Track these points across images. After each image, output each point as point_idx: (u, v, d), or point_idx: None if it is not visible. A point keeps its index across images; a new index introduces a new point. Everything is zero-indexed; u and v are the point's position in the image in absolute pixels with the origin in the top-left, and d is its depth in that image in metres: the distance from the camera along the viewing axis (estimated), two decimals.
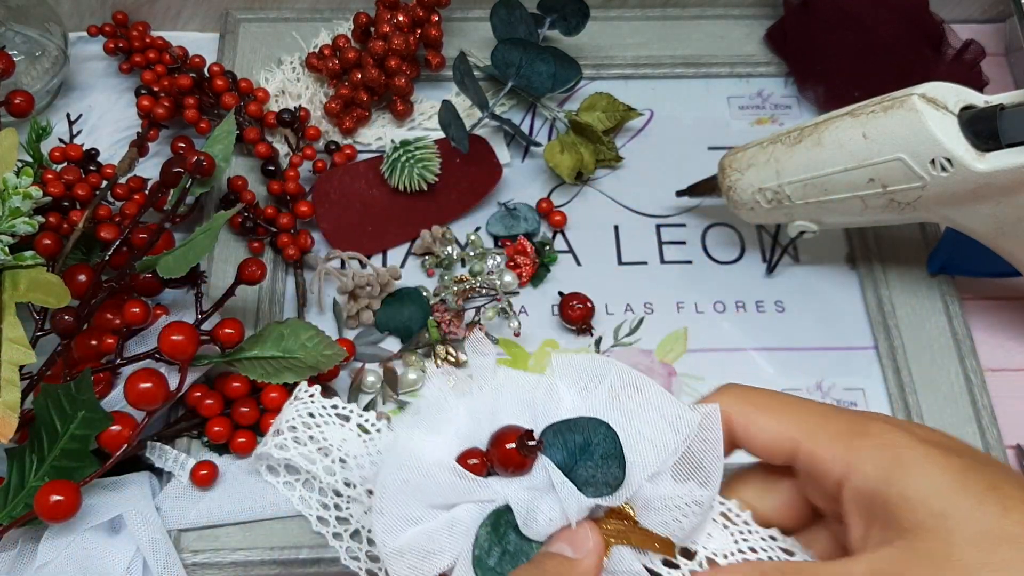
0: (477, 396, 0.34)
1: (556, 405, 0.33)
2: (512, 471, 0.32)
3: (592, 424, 0.32)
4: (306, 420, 0.37)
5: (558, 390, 0.33)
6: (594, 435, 0.32)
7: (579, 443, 0.32)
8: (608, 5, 0.56)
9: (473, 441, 0.33)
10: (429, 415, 0.34)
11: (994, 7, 0.58)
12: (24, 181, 0.40)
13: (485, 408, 0.34)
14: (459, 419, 0.34)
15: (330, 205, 0.48)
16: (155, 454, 0.39)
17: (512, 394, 0.33)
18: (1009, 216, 0.38)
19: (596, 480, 0.31)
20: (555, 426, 0.32)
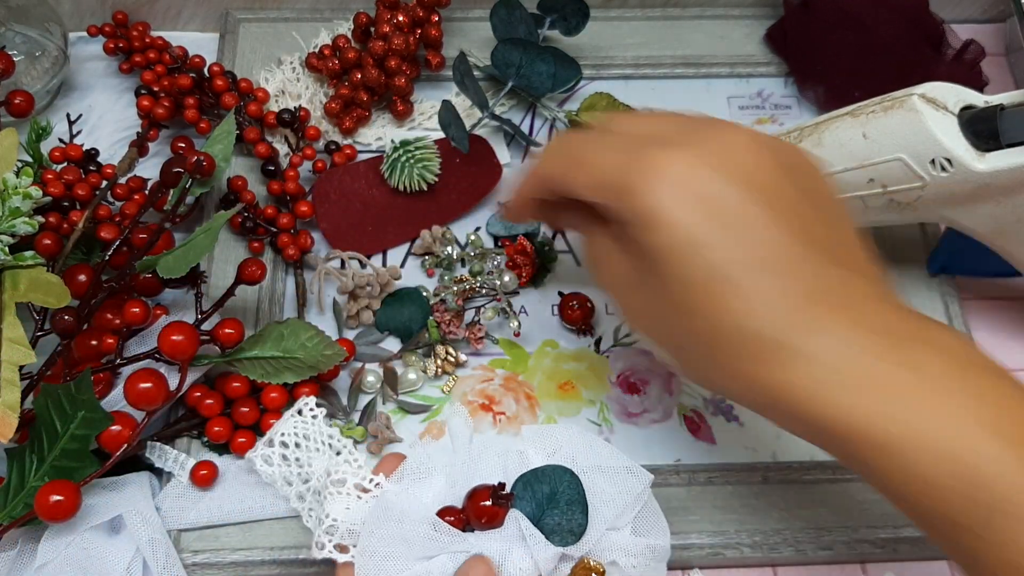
0: (455, 463, 0.38)
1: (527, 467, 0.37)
2: (486, 524, 0.35)
3: (557, 472, 0.36)
4: (299, 441, 0.38)
5: (528, 455, 0.37)
6: (559, 483, 0.36)
7: (546, 493, 0.35)
8: (608, 5, 0.56)
9: (451, 502, 0.36)
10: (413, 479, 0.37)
11: (994, 7, 0.58)
12: (24, 181, 0.40)
13: (462, 472, 0.37)
14: (439, 483, 0.37)
15: (330, 205, 0.48)
16: (155, 454, 0.39)
17: (487, 460, 0.38)
18: (1009, 216, 0.38)
19: (562, 528, 0.35)
20: (524, 476, 0.36)
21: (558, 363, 0.45)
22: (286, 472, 0.38)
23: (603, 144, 0.32)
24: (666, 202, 0.29)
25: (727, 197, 0.29)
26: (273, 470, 0.38)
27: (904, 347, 0.28)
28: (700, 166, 0.29)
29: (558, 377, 0.45)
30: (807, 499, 0.41)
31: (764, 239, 0.28)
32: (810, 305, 0.28)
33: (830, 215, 0.31)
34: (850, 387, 0.28)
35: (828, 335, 0.28)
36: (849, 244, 0.31)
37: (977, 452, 0.26)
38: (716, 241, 0.28)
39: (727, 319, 0.29)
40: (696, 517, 0.40)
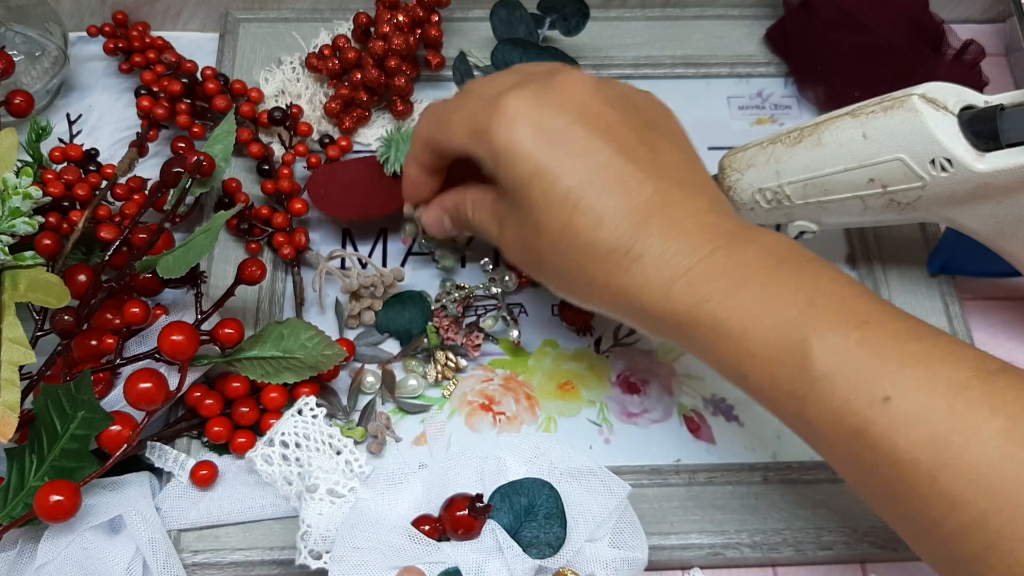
0: (432, 469, 0.38)
1: (504, 476, 0.37)
2: (463, 534, 0.35)
3: (536, 485, 0.36)
4: (299, 440, 0.38)
5: (505, 462, 0.37)
6: (538, 496, 0.35)
7: (524, 505, 0.35)
8: (608, 5, 0.56)
9: (427, 509, 0.35)
10: (387, 485, 0.37)
11: (994, 7, 0.58)
12: (24, 181, 0.40)
13: (438, 480, 0.37)
14: (415, 490, 0.37)
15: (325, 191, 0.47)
16: (155, 454, 0.39)
17: (464, 467, 0.37)
18: (1009, 216, 0.38)
19: (539, 541, 0.35)
20: (502, 488, 0.35)
21: (558, 363, 0.45)
22: (286, 472, 0.38)
23: (462, 102, 0.37)
24: (515, 137, 0.33)
25: (569, 129, 0.33)
26: (273, 470, 0.38)
27: (726, 243, 0.32)
28: (542, 104, 0.34)
29: (558, 377, 0.45)
30: (807, 499, 0.41)
31: (604, 163, 0.33)
32: (647, 216, 0.32)
33: (665, 139, 0.35)
34: (675, 280, 0.32)
35: (657, 238, 0.32)
36: (686, 164, 0.35)
37: (791, 323, 0.30)
38: (564, 167, 0.33)
39: (580, 235, 0.33)
40: (696, 517, 0.40)
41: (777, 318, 0.30)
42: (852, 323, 0.29)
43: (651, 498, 0.41)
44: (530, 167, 0.33)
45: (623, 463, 0.42)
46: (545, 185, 0.33)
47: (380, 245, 0.48)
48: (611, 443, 0.43)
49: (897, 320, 0.30)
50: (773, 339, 0.30)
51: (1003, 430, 0.26)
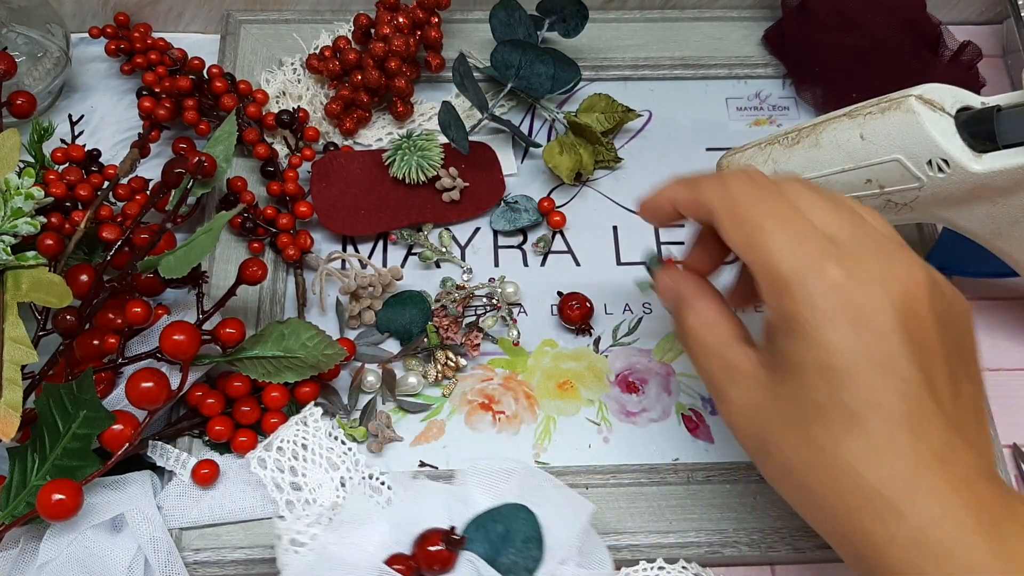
0: (397, 506, 0.37)
1: (472, 507, 0.36)
2: (439, 570, 0.34)
3: (512, 511, 0.36)
4: (297, 450, 0.38)
5: (472, 493, 0.37)
6: (514, 521, 0.35)
7: (500, 532, 0.35)
8: (607, 7, 0.56)
9: (396, 548, 0.35)
10: (352, 527, 0.36)
11: (991, 9, 0.58)
12: (26, 182, 0.40)
13: (404, 517, 0.36)
14: (382, 529, 0.36)
15: (327, 184, 0.48)
16: (156, 453, 0.40)
17: (430, 501, 0.36)
18: (1006, 217, 0.38)
19: (518, 566, 0.35)
20: (478, 519, 0.36)
21: (557, 362, 0.45)
22: (277, 478, 0.38)
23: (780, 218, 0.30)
24: (821, 318, 0.28)
25: (884, 335, 0.28)
26: (266, 473, 0.38)
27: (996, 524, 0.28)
28: (867, 292, 0.28)
29: (557, 376, 0.45)
30: None
31: (905, 390, 0.28)
32: (926, 471, 0.28)
33: (969, 379, 0.31)
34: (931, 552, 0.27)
35: (926, 499, 0.28)
36: (976, 412, 0.31)
37: None
38: (862, 379, 0.28)
39: (844, 458, 0.28)
40: (694, 516, 0.41)
41: None
42: None
43: (650, 497, 0.41)
44: (828, 360, 0.28)
45: (622, 462, 0.42)
46: (832, 388, 0.28)
47: (380, 245, 0.49)
48: (610, 442, 0.43)
49: None
50: None
51: None
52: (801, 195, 0.32)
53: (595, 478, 0.41)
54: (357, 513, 0.36)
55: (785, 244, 0.30)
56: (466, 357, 0.44)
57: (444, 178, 0.48)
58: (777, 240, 0.30)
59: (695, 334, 0.34)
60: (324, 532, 0.36)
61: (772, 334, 0.30)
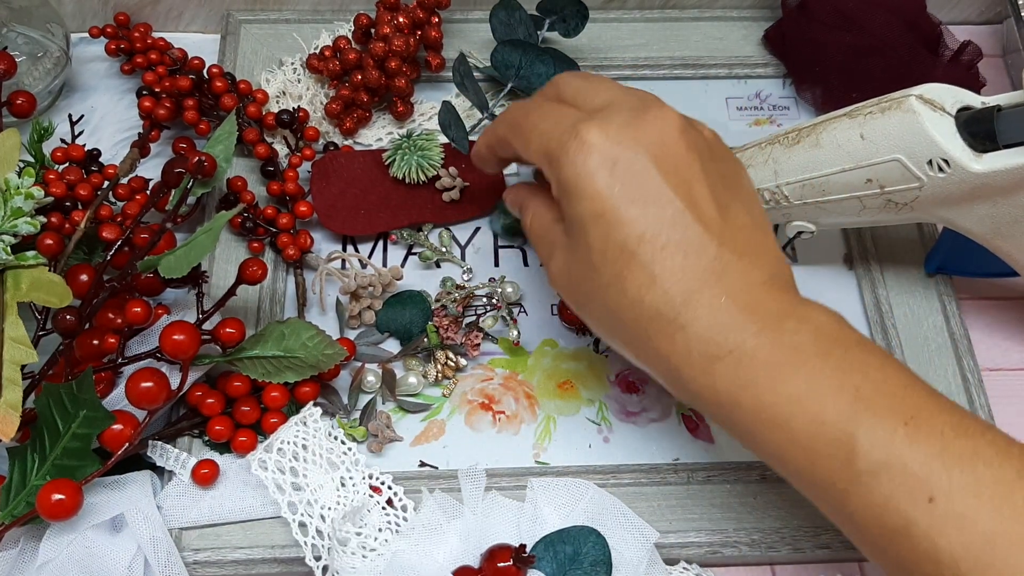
0: (467, 519, 0.38)
1: (541, 525, 0.37)
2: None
3: (583, 533, 0.36)
4: (297, 451, 0.38)
5: (541, 511, 0.37)
6: (584, 544, 0.35)
7: (569, 553, 0.35)
8: (607, 7, 0.56)
9: (464, 560, 0.35)
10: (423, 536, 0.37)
11: (991, 9, 0.58)
12: (26, 181, 0.40)
13: (475, 530, 0.37)
14: (451, 541, 0.37)
15: (327, 183, 0.48)
16: (156, 453, 0.39)
17: (499, 516, 0.37)
18: (1006, 217, 0.38)
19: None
20: (547, 538, 0.36)
21: (557, 362, 0.45)
22: (279, 479, 0.38)
23: (544, 112, 0.35)
24: (587, 172, 0.32)
25: (644, 173, 0.32)
26: (267, 475, 0.38)
27: (775, 323, 0.31)
28: (624, 141, 0.32)
29: (557, 376, 0.45)
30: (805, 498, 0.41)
31: (671, 219, 0.31)
32: (701, 285, 0.31)
33: (737, 200, 0.34)
34: (719, 358, 0.31)
35: (705, 310, 0.31)
36: (751, 229, 0.34)
37: (839, 416, 0.29)
38: (630, 216, 0.32)
39: (630, 290, 0.32)
40: (694, 515, 0.41)
41: (824, 410, 0.29)
42: (899, 417, 0.29)
43: (650, 496, 0.41)
44: (596, 207, 0.32)
45: (622, 462, 0.42)
46: (606, 230, 0.32)
47: (380, 245, 0.49)
48: (610, 442, 0.43)
49: (944, 414, 0.29)
50: (819, 431, 0.29)
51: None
52: (567, 87, 0.37)
53: (595, 478, 0.41)
54: (428, 524, 0.37)
55: (548, 129, 0.34)
56: (466, 357, 0.44)
57: (444, 178, 0.48)
58: (542, 130, 0.35)
59: (529, 226, 0.38)
60: (395, 539, 0.37)
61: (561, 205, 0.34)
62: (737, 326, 0.31)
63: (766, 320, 0.31)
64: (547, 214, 0.37)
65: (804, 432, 0.30)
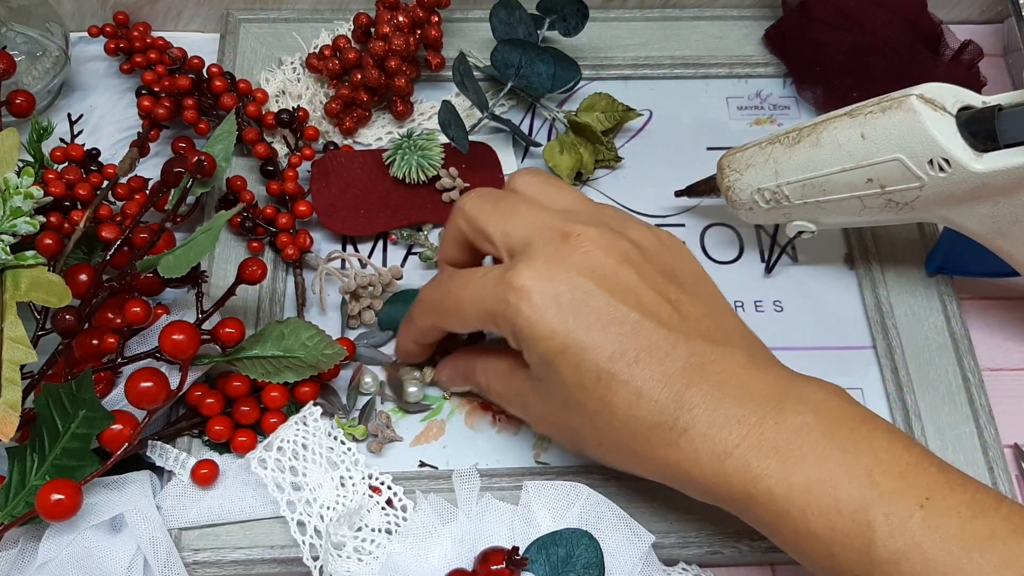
0: (462, 522, 0.38)
1: (535, 527, 0.37)
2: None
3: (575, 536, 0.36)
4: (297, 450, 0.38)
5: (535, 514, 0.37)
6: (576, 546, 0.36)
7: (561, 556, 0.35)
8: (607, 6, 0.56)
9: (458, 563, 0.35)
10: (417, 539, 0.37)
11: (992, 8, 0.58)
12: (26, 181, 0.40)
13: (469, 533, 0.37)
14: (445, 544, 0.37)
15: (327, 183, 0.48)
16: (156, 453, 0.39)
17: (493, 519, 0.37)
18: (1007, 216, 0.38)
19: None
20: (540, 540, 0.36)
21: None
22: (278, 478, 0.38)
23: (462, 280, 0.35)
24: (535, 317, 0.32)
25: (589, 298, 0.31)
26: (266, 474, 0.38)
27: (775, 408, 0.31)
28: (556, 275, 0.32)
29: None
30: None
31: (632, 332, 0.31)
32: (687, 384, 0.31)
33: (685, 292, 0.34)
34: (727, 455, 0.30)
35: (701, 409, 0.31)
36: (712, 316, 0.34)
37: (854, 504, 0.29)
38: (591, 341, 0.31)
39: (619, 411, 0.31)
40: (694, 515, 0.40)
41: (838, 499, 0.29)
42: (914, 500, 0.29)
43: (650, 496, 0.41)
44: (555, 345, 0.32)
45: None
46: (575, 362, 0.31)
47: (380, 245, 0.49)
48: None
49: (957, 491, 0.29)
50: (835, 522, 0.29)
51: None
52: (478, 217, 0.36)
53: (595, 478, 0.41)
54: (423, 527, 0.37)
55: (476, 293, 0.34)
56: None
57: (444, 178, 0.48)
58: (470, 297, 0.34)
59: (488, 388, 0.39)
60: (389, 542, 0.37)
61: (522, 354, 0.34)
62: (737, 417, 0.31)
63: (763, 405, 0.31)
64: (499, 366, 0.37)
65: (820, 524, 0.29)
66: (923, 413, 0.43)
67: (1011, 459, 0.43)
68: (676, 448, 0.31)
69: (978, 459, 0.42)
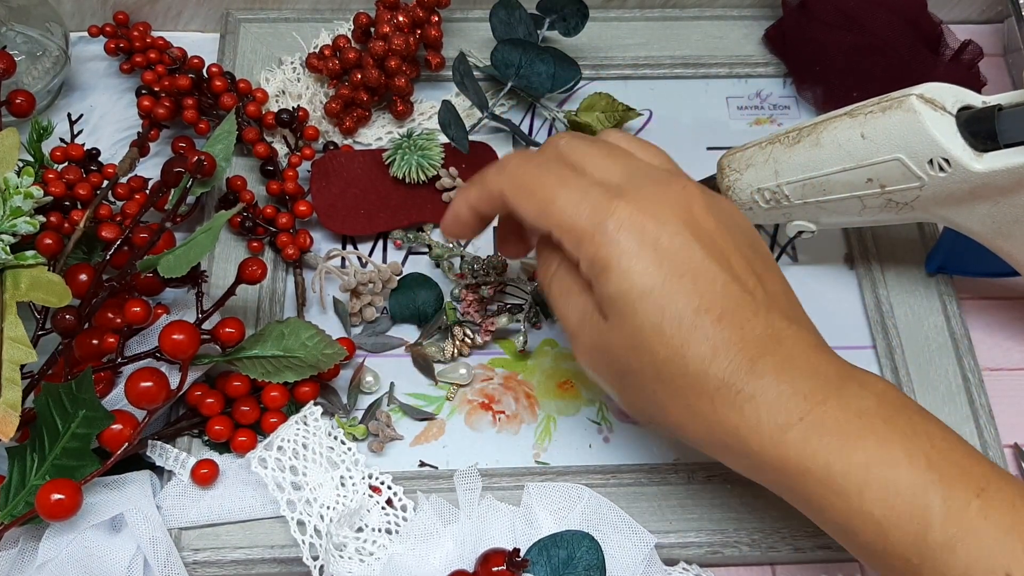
0: (463, 523, 0.38)
1: (537, 529, 0.37)
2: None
3: (576, 537, 0.36)
4: (297, 449, 0.38)
5: (536, 515, 0.37)
6: (578, 548, 0.36)
7: (563, 557, 0.35)
8: (607, 6, 0.56)
9: (459, 565, 0.36)
10: (419, 540, 0.37)
11: (992, 8, 0.58)
12: (26, 181, 0.40)
13: (470, 535, 0.37)
14: (446, 545, 0.37)
15: (327, 183, 0.48)
16: (156, 453, 0.39)
17: (495, 521, 0.37)
18: (1007, 216, 0.38)
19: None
20: (541, 542, 0.36)
21: (557, 362, 0.45)
22: (278, 477, 0.38)
23: (560, 180, 0.33)
24: (623, 252, 0.31)
25: (680, 248, 0.31)
26: (267, 473, 0.38)
27: (839, 389, 0.31)
28: (659, 216, 0.31)
29: (557, 376, 0.45)
30: None
31: (722, 290, 0.31)
32: (762, 353, 0.31)
33: (768, 269, 0.34)
34: (790, 427, 0.30)
35: (771, 379, 0.31)
36: (787, 296, 0.34)
37: (913, 487, 0.29)
38: (680, 289, 0.31)
39: (693, 363, 0.31)
40: (695, 515, 0.40)
41: (897, 480, 0.29)
42: (972, 489, 0.29)
43: (650, 496, 0.41)
44: (645, 284, 0.31)
45: (622, 461, 0.42)
46: (657, 306, 0.31)
47: (380, 244, 0.49)
48: (610, 442, 0.43)
49: (1010, 485, 0.30)
50: (893, 502, 0.29)
51: None
52: (573, 152, 0.35)
53: (595, 478, 0.41)
54: (425, 528, 0.37)
55: (573, 201, 0.32)
56: (479, 336, 0.44)
57: (444, 178, 0.48)
58: (565, 200, 0.32)
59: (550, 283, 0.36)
60: (391, 543, 0.37)
61: (592, 282, 0.33)
62: (805, 392, 0.31)
63: (829, 384, 0.31)
64: (568, 278, 0.35)
65: (877, 504, 0.29)
66: None
67: (1011, 459, 0.43)
68: (739, 412, 0.31)
69: None
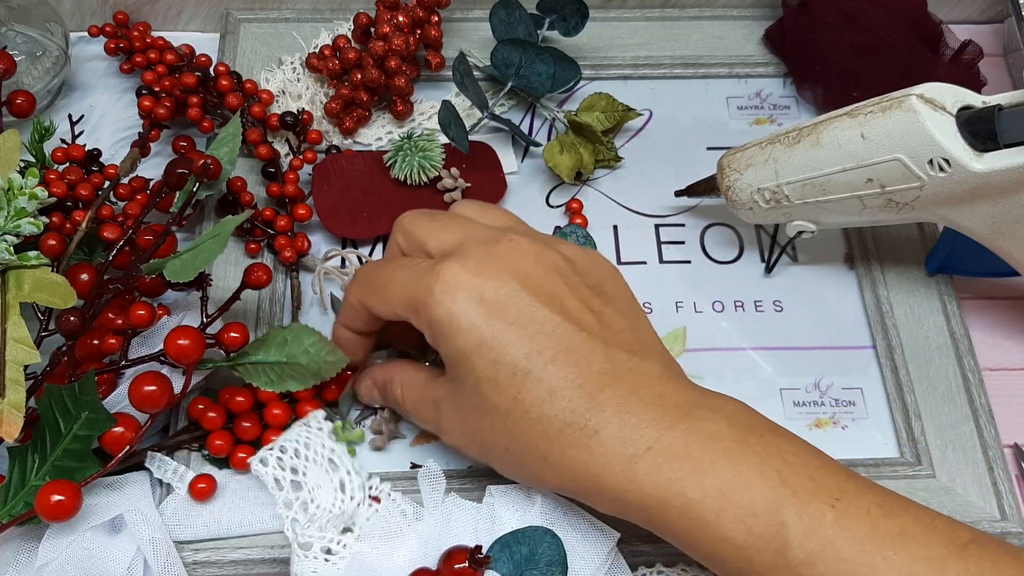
0: (427, 522, 0.37)
1: (499, 526, 0.37)
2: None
3: (538, 533, 0.36)
4: (299, 448, 0.38)
5: (500, 513, 0.37)
6: (539, 544, 0.36)
7: (525, 554, 0.35)
8: (607, 6, 0.56)
9: (424, 562, 0.36)
10: (383, 539, 0.37)
11: (992, 8, 0.58)
12: (30, 182, 0.40)
13: (434, 533, 0.37)
14: (411, 543, 0.37)
15: (328, 185, 0.48)
16: (155, 465, 0.39)
17: (459, 519, 0.37)
18: (1007, 216, 0.38)
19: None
20: (503, 539, 0.36)
21: None
22: (279, 475, 0.38)
23: (397, 265, 0.35)
24: (456, 309, 0.32)
25: (506, 297, 0.32)
26: (268, 471, 0.38)
27: (688, 414, 0.31)
28: (484, 273, 0.32)
29: None
30: None
31: (552, 332, 0.32)
32: (601, 387, 0.31)
33: (611, 305, 0.34)
34: (638, 458, 0.30)
35: (613, 412, 0.31)
36: (634, 331, 0.34)
37: (767, 506, 0.29)
38: (510, 338, 0.31)
39: (531, 409, 0.31)
40: None
41: (752, 501, 0.29)
42: (825, 500, 0.29)
43: None
44: (473, 339, 0.32)
45: None
46: (490, 358, 0.31)
47: (380, 246, 0.49)
48: None
49: (866, 493, 0.30)
50: (750, 523, 0.29)
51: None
52: (415, 229, 0.36)
53: None
54: (388, 526, 0.37)
55: (406, 278, 0.34)
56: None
57: (446, 179, 0.48)
58: (400, 280, 0.34)
59: (402, 399, 0.38)
60: (355, 542, 0.37)
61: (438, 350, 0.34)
62: (649, 421, 0.31)
63: (677, 411, 0.31)
64: (417, 377, 0.37)
65: (735, 527, 0.29)
66: (923, 413, 0.43)
67: (1011, 459, 0.43)
68: (586, 450, 0.31)
69: (978, 459, 0.42)
